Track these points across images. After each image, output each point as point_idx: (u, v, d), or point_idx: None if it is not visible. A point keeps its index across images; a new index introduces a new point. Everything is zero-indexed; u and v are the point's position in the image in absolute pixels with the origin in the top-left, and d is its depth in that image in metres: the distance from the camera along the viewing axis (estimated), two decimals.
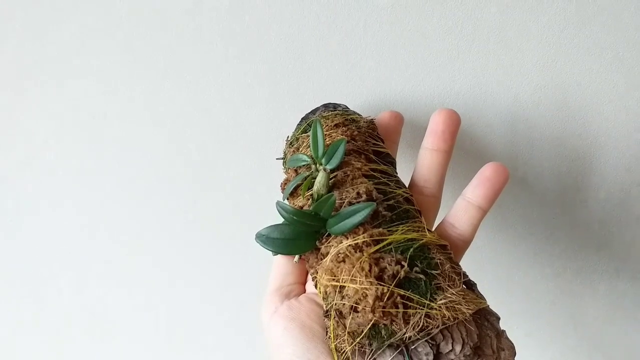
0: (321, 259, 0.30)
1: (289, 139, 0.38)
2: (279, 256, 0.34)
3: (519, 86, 0.41)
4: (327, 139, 0.33)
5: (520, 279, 0.51)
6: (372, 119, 0.37)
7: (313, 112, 0.38)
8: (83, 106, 0.43)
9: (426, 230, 0.30)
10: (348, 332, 0.27)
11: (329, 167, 0.31)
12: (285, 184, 0.35)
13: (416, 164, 0.35)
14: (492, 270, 0.50)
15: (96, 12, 0.39)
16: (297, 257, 0.33)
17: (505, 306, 0.51)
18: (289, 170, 0.35)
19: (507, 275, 0.50)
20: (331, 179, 0.31)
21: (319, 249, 0.30)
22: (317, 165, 0.32)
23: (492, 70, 0.40)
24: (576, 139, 0.43)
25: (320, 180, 0.31)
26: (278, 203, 0.31)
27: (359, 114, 0.37)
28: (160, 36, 0.40)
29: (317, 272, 0.30)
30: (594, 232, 0.48)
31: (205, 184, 0.46)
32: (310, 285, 0.34)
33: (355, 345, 0.26)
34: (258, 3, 0.39)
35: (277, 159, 0.38)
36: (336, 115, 0.36)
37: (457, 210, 0.33)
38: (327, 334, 0.28)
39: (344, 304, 0.27)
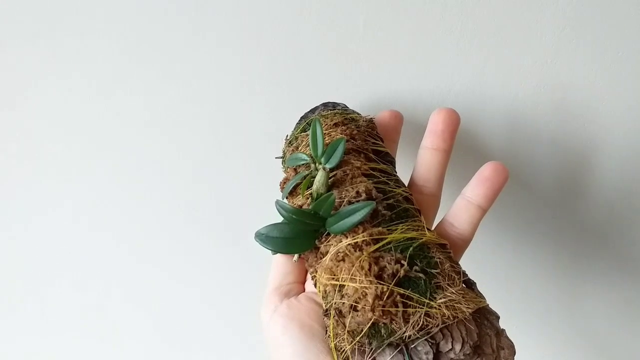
0: (320, 258, 0.30)
1: (288, 138, 0.38)
2: (278, 255, 0.34)
3: (519, 86, 0.41)
4: (326, 138, 0.33)
5: (519, 278, 0.51)
6: (371, 118, 0.37)
7: (312, 111, 0.38)
8: (83, 106, 0.43)
9: (425, 229, 0.30)
10: (348, 331, 0.27)
11: (328, 166, 0.31)
12: (285, 183, 0.35)
13: (416, 163, 0.35)
14: (492, 270, 0.50)
15: (95, 11, 0.39)
16: (296, 256, 0.33)
17: (505, 305, 0.50)
18: (288, 169, 0.35)
19: (506, 274, 0.50)
20: (330, 177, 0.31)
21: (318, 248, 0.30)
22: (317, 164, 0.32)
23: (492, 70, 0.40)
24: (575, 139, 0.43)
25: (319, 179, 0.31)
26: (277, 202, 0.31)
27: (358, 113, 0.37)
28: (159, 36, 0.40)
29: (317, 271, 0.30)
30: (594, 232, 0.48)
31: (204, 183, 0.46)
32: (309, 284, 0.33)
33: (354, 344, 0.26)
34: (257, 2, 0.39)
35: (276, 158, 0.38)
36: (335, 114, 0.36)
37: (457, 210, 0.33)
38: (326, 333, 0.28)
39: (343, 302, 0.27)
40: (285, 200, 0.33)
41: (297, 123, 0.38)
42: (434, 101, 0.41)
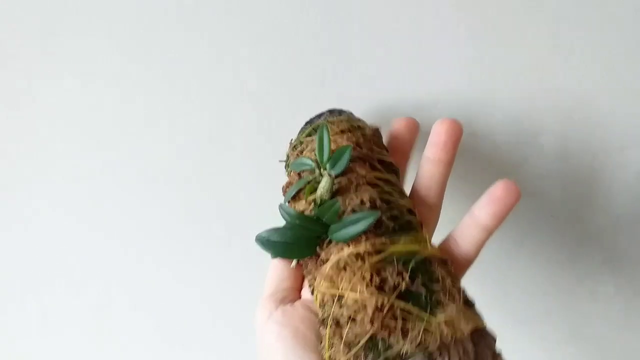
0: (320, 265, 0.29)
1: (292, 142, 0.37)
2: (276, 260, 0.33)
3: (524, 90, 0.40)
4: (332, 144, 0.33)
5: (519, 278, 0.50)
6: (377, 127, 0.36)
7: (318, 116, 0.37)
8: (80, 106, 0.43)
9: (428, 243, 0.30)
10: (344, 342, 0.26)
11: (333, 172, 0.31)
12: (288, 187, 0.34)
13: (417, 173, 0.34)
14: (491, 270, 0.49)
15: (94, 11, 0.40)
16: (294, 262, 0.33)
17: (503, 306, 0.50)
18: (292, 174, 0.34)
19: (504, 274, 0.49)
20: (335, 184, 0.31)
21: (318, 255, 0.30)
22: (322, 170, 0.32)
23: (496, 73, 0.40)
24: (581, 144, 0.42)
25: (324, 185, 0.30)
26: (281, 206, 0.31)
27: (364, 121, 0.37)
28: (161, 38, 0.40)
29: (315, 279, 0.29)
30: (597, 240, 0.47)
31: (204, 183, 0.46)
32: (306, 292, 0.33)
33: (350, 356, 0.26)
34: (259, 4, 0.39)
35: (280, 161, 0.38)
36: (342, 121, 0.35)
37: (463, 228, 0.32)
38: (321, 343, 0.27)
39: (342, 313, 0.26)
40: (287, 204, 0.33)
41: (302, 128, 0.37)
42: (437, 106, 0.41)
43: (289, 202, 0.33)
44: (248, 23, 0.39)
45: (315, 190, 0.31)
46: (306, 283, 0.32)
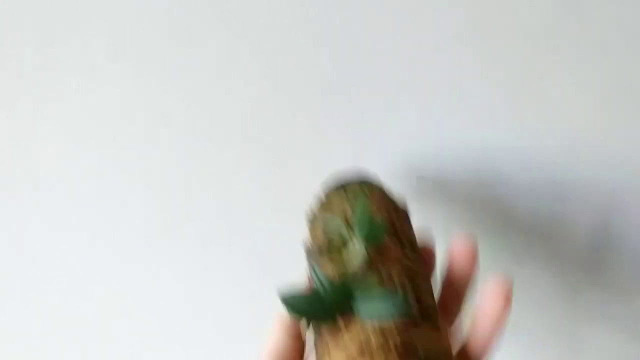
0: (337, 334, 0.29)
1: (319, 197, 0.36)
2: (284, 315, 0.32)
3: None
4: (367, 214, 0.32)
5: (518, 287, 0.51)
6: (406, 204, 0.36)
7: (345, 177, 0.37)
8: (80, 106, 0.42)
9: (448, 335, 0.30)
10: None
11: (366, 244, 0.31)
12: (311, 243, 0.34)
13: (443, 278, 0.33)
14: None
15: (93, 11, 0.38)
16: (306, 325, 0.32)
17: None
18: (318, 230, 0.34)
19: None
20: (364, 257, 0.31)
21: (338, 325, 0.30)
22: (353, 238, 0.31)
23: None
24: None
25: (356, 256, 0.30)
26: (314, 269, 0.31)
27: (394, 195, 0.37)
28: (161, 38, 0.39)
29: (328, 347, 0.29)
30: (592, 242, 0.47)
31: (206, 185, 0.46)
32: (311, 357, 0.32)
33: None
34: (259, 5, 0.38)
35: (305, 217, 0.37)
36: (374, 190, 0.35)
37: (470, 335, 0.31)
38: None
39: None
40: (318, 267, 0.32)
41: (330, 186, 0.37)
42: (437, 114, 0.41)
43: (314, 261, 0.33)
44: (248, 23, 0.39)
45: (343, 254, 0.31)
46: (314, 349, 0.31)
